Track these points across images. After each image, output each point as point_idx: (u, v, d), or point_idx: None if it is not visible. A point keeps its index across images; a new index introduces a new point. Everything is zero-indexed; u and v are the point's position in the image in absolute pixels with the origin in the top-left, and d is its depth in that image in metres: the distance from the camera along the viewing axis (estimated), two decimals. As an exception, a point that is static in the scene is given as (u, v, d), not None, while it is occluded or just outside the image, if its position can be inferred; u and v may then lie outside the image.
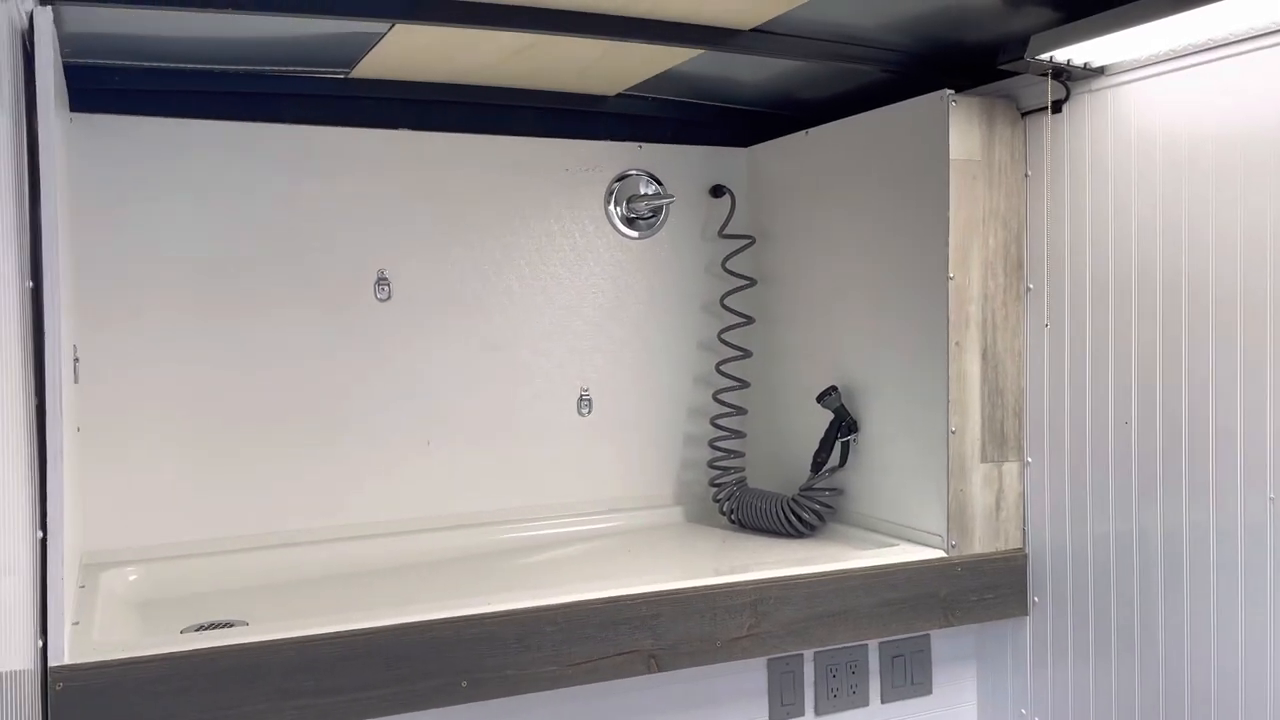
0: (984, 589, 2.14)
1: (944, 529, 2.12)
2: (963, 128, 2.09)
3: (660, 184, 2.64)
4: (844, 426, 2.35)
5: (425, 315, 2.42)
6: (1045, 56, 1.91)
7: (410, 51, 2.10)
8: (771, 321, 2.64)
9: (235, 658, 1.60)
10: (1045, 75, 2.00)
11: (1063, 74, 2.00)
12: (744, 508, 2.48)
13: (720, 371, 2.62)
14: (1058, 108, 2.07)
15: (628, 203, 2.60)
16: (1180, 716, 1.90)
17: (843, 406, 2.35)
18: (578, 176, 2.56)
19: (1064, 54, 1.91)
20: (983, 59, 2.04)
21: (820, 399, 2.36)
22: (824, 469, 2.38)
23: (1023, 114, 2.15)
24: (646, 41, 1.98)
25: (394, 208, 2.38)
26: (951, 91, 2.09)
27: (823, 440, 2.37)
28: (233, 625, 1.83)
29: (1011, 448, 2.18)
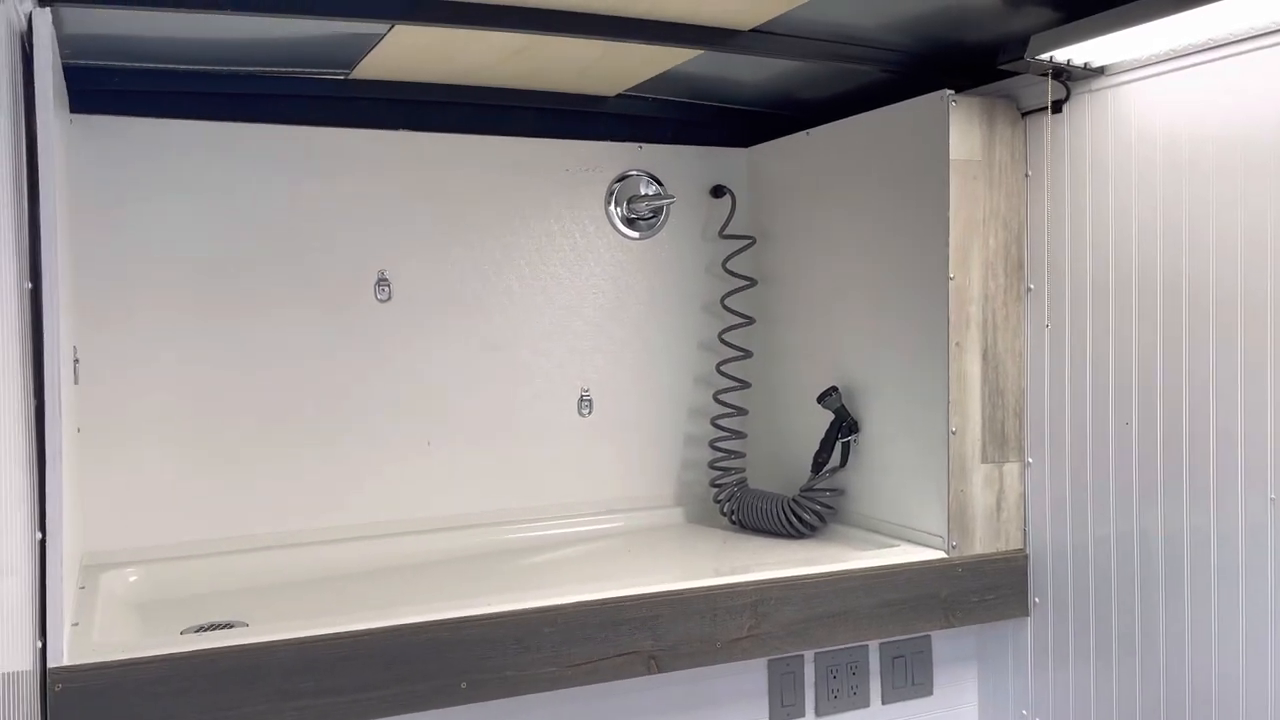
0: (985, 590, 2.14)
1: (944, 530, 2.12)
2: (963, 128, 2.09)
3: (660, 184, 2.63)
4: (844, 427, 2.34)
5: (425, 316, 2.42)
6: (1045, 56, 1.91)
7: (410, 52, 2.10)
8: (772, 322, 2.64)
9: (235, 659, 1.60)
10: (1045, 75, 2.00)
11: (1063, 74, 2.00)
12: (744, 508, 2.48)
13: (721, 372, 2.62)
14: (1058, 108, 2.07)
15: (628, 203, 2.60)
16: (1181, 717, 1.90)
17: (843, 407, 2.35)
18: (578, 177, 2.56)
19: (1064, 54, 1.91)
20: (983, 59, 2.04)
21: (821, 399, 2.36)
22: (824, 469, 2.37)
23: (1023, 114, 2.15)
24: (645, 42, 1.98)
25: (394, 208, 2.38)
26: (951, 91, 2.09)
27: (823, 441, 2.37)
28: (233, 626, 1.83)
29: (1012, 448, 2.17)
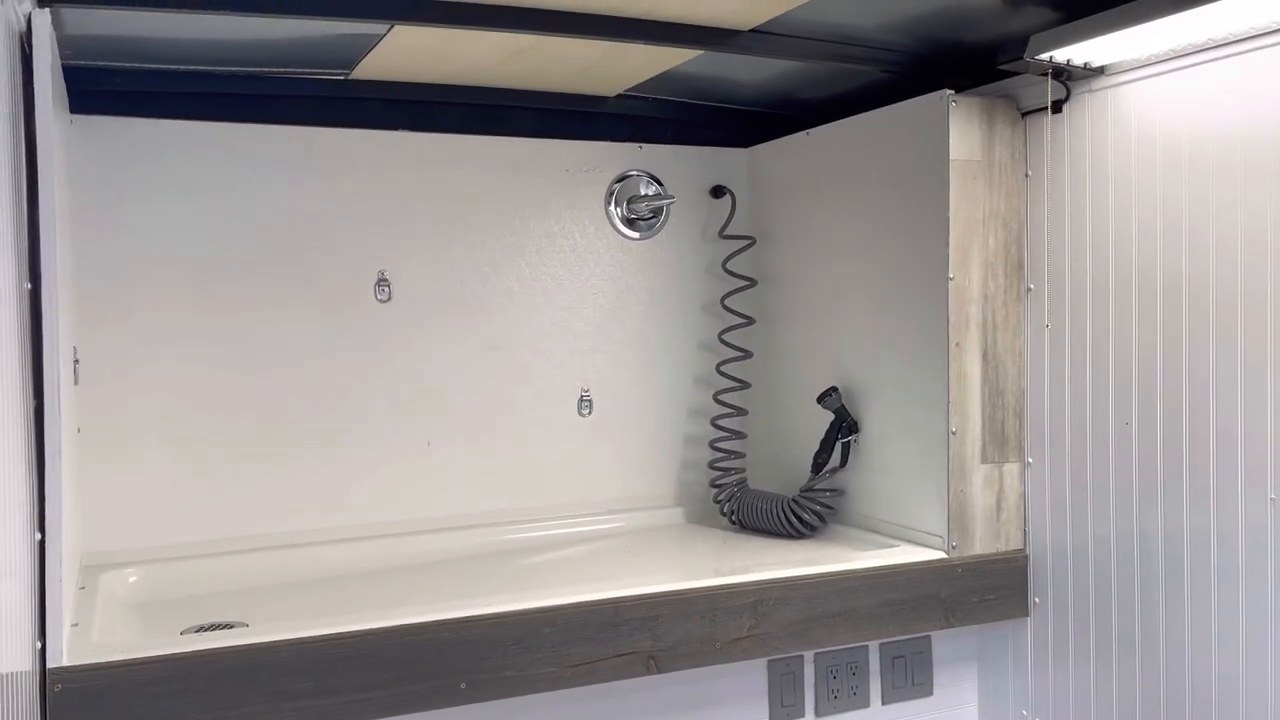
0: (985, 590, 2.14)
1: (944, 530, 2.12)
2: (963, 128, 2.09)
3: (661, 184, 2.63)
4: (844, 427, 2.34)
5: (425, 316, 2.42)
6: (1045, 56, 1.91)
7: (409, 52, 2.10)
8: (772, 322, 2.64)
9: (233, 659, 1.60)
10: (1045, 75, 2.00)
11: (1063, 74, 2.00)
12: (744, 508, 2.47)
13: (721, 372, 2.62)
14: (1058, 108, 2.06)
15: (628, 203, 2.60)
16: (1181, 717, 1.90)
17: (843, 407, 2.35)
18: (578, 177, 2.55)
19: (1064, 54, 1.91)
20: (983, 59, 2.04)
21: (821, 400, 2.36)
22: (824, 470, 2.37)
23: (1023, 114, 2.15)
24: (645, 42, 1.98)
25: (394, 209, 2.38)
26: (951, 92, 2.09)
27: (823, 441, 2.37)
28: (233, 627, 1.83)
29: (1012, 448, 2.17)
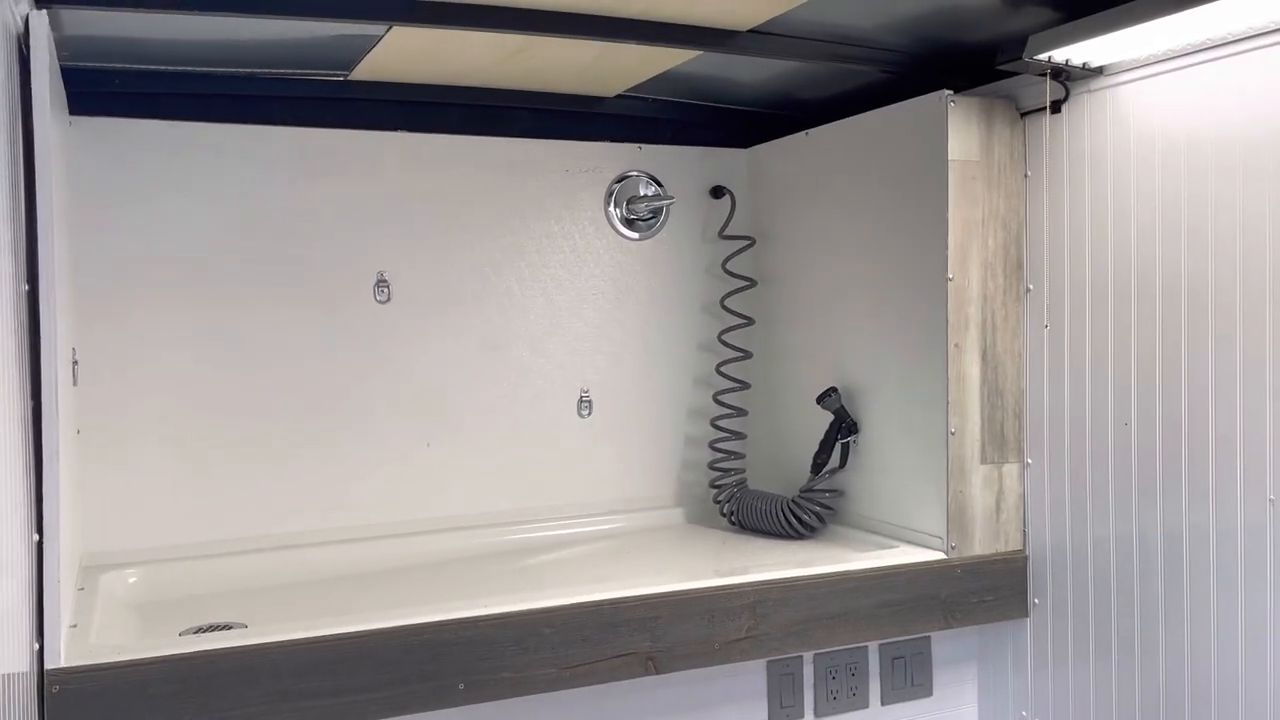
0: (984, 591, 2.14)
1: (944, 530, 2.12)
2: (962, 128, 2.09)
3: (660, 185, 2.63)
4: (844, 428, 2.34)
5: (425, 317, 2.42)
6: (1044, 56, 1.91)
7: (408, 53, 2.10)
8: (771, 322, 2.63)
9: (231, 660, 1.60)
10: (1044, 75, 2.00)
11: (1062, 74, 2.00)
12: (744, 509, 2.47)
13: (720, 373, 2.62)
14: (1057, 108, 2.06)
15: (627, 204, 2.60)
16: (1180, 717, 1.89)
17: (843, 408, 2.34)
18: (577, 178, 2.55)
19: (1063, 54, 1.91)
20: (981, 59, 2.04)
21: (820, 400, 2.36)
22: (824, 470, 2.37)
23: (1022, 114, 2.14)
24: (642, 43, 1.98)
25: (393, 209, 2.38)
26: (950, 92, 2.09)
27: (823, 441, 2.37)
28: (232, 627, 1.83)
29: (1011, 449, 2.17)
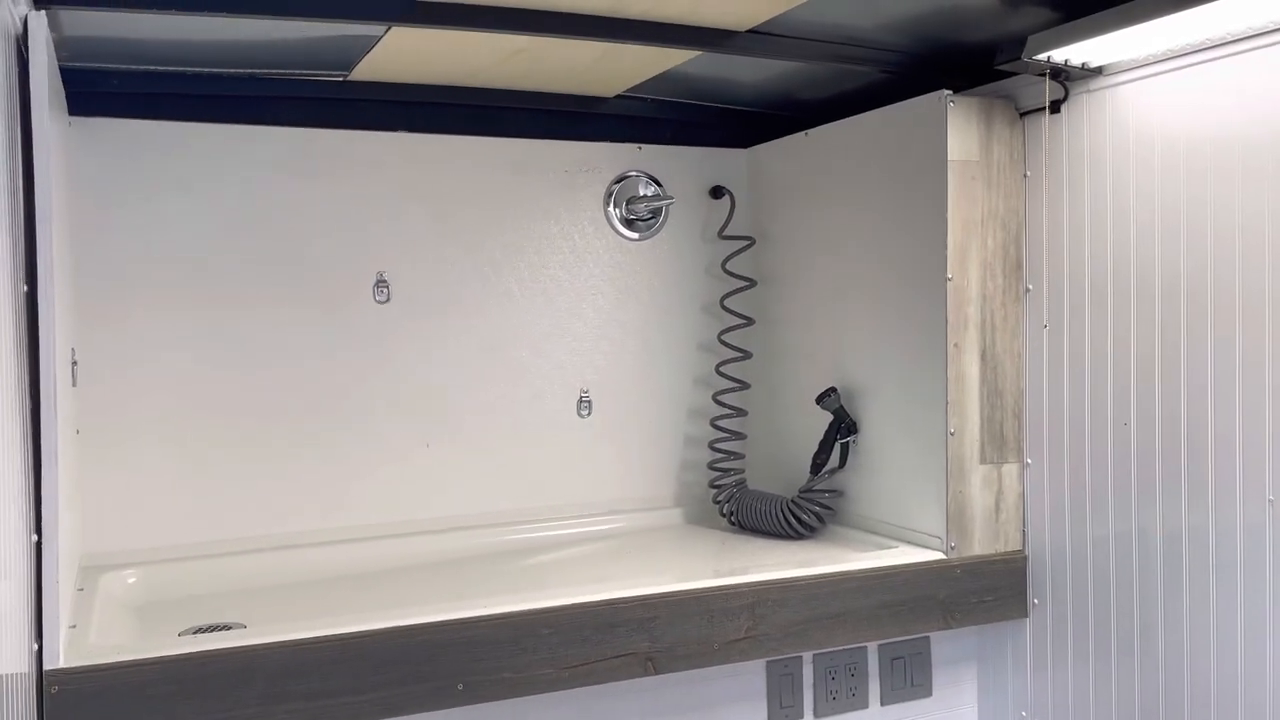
0: (983, 591, 2.13)
1: (943, 531, 2.12)
2: (961, 128, 2.09)
3: (660, 185, 2.63)
4: (843, 428, 2.34)
5: (424, 317, 2.42)
6: (1043, 56, 1.91)
7: (407, 54, 2.10)
8: (771, 323, 2.63)
9: (229, 661, 1.60)
10: (1043, 75, 2.00)
11: (1061, 74, 2.00)
12: (743, 509, 2.47)
13: (720, 373, 2.62)
14: (1056, 108, 2.06)
15: (627, 204, 2.60)
16: (1180, 718, 1.89)
17: (842, 408, 2.34)
18: (577, 178, 2.55)
19: (1062, 54, 1.91)
20: (981, 59, 2.03)
21: (820, 400, 2.36)
22: (823, 470, 2.37)
23: (1021, 114, 2.14)
24: (642, 43, 1.98)
25: (393, 210, 2.38)
26: (950, 92, 2.09)
27: (822, 442, 2.37)
28: (231, 628, 1.83)
29: (1011, 449, 2.17)
